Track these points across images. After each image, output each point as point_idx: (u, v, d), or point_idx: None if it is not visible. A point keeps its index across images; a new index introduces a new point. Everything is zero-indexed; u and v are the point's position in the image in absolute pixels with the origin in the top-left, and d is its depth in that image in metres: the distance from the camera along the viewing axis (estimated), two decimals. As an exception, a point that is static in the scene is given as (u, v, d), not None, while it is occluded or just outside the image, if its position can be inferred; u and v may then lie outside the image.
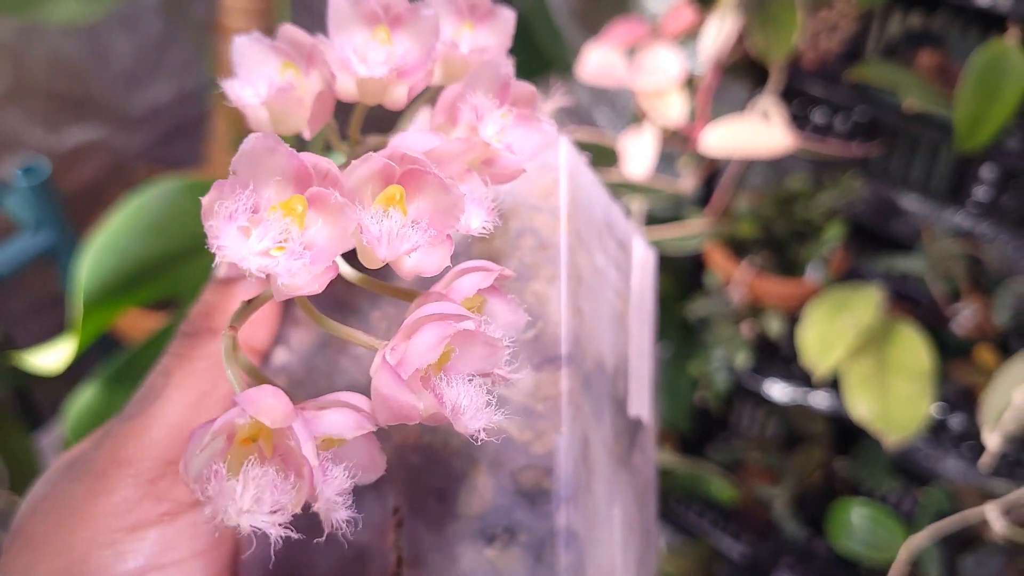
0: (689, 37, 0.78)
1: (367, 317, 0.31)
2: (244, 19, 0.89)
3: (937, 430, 0.84)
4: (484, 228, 0.24)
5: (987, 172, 0.75)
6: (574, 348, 0.29)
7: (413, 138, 0.24)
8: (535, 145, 0.26)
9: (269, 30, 0.27)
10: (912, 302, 0.87)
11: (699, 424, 1.04)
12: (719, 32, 0.71)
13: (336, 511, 0.21)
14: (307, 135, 0.26)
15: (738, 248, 0.88)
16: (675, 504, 1.05)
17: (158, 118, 1.16)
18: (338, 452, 0.22)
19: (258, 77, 0.26)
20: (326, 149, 0.34)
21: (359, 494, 0.31)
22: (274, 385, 0.23)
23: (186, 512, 0.27)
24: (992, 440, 0.57)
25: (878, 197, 0.83)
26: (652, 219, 0.78)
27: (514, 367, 0.23)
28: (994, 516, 0.58)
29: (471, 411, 0.22)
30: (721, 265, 0.87)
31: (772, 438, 1.05)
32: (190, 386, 0.28)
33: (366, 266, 0.23)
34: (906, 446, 0.82)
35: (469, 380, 0.22)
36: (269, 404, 0.21)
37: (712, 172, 0.84)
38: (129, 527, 0.26)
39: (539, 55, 0.94)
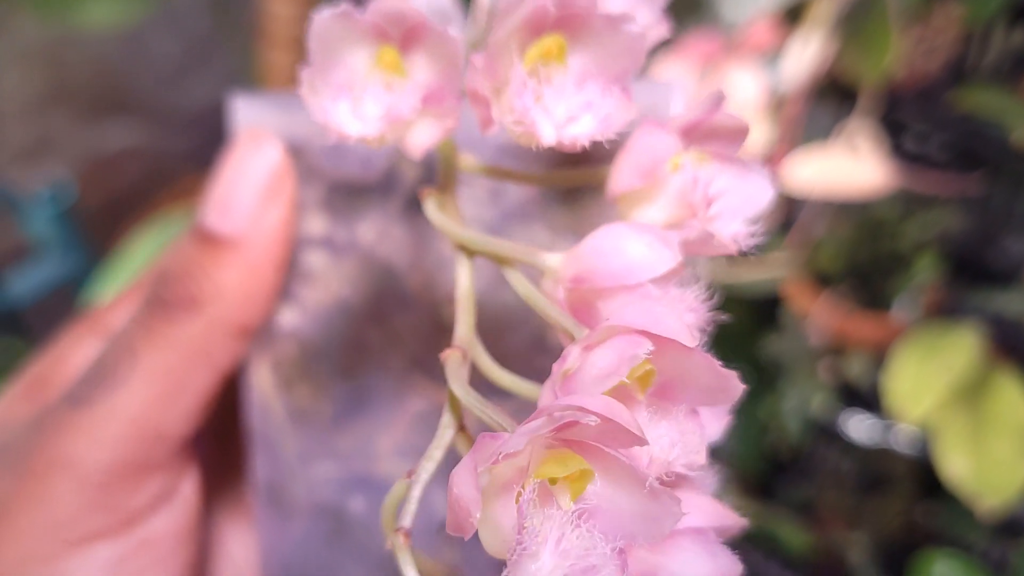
0: (769, 53, 0.74)
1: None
2: (286, 25, 0.88)
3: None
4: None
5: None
6: None
7: None
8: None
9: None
10: (1010, 342, 0.83)
11: (769, 463, 1.00)
12: (804, 54, 0.67)
13: None
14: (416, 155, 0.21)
15: (817, 279, 0.84)
16: (741, 551, 1.02)
17: (204, 121, 1.15)
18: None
19: (346, 75, 0.20)
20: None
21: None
22: None
23: (144, 520, 0.23)
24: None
25: (974, 227, 0.79)
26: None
27: None
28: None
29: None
30: (798, 298, 0.83)
31: (849, 477, 1.01)
32: (161, 375, 0.23)
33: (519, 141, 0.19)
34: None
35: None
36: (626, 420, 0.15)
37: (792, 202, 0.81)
38: (74, 540, 0.22)
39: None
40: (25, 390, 0.26)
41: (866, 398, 0.86)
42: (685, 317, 0.18)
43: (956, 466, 0.70)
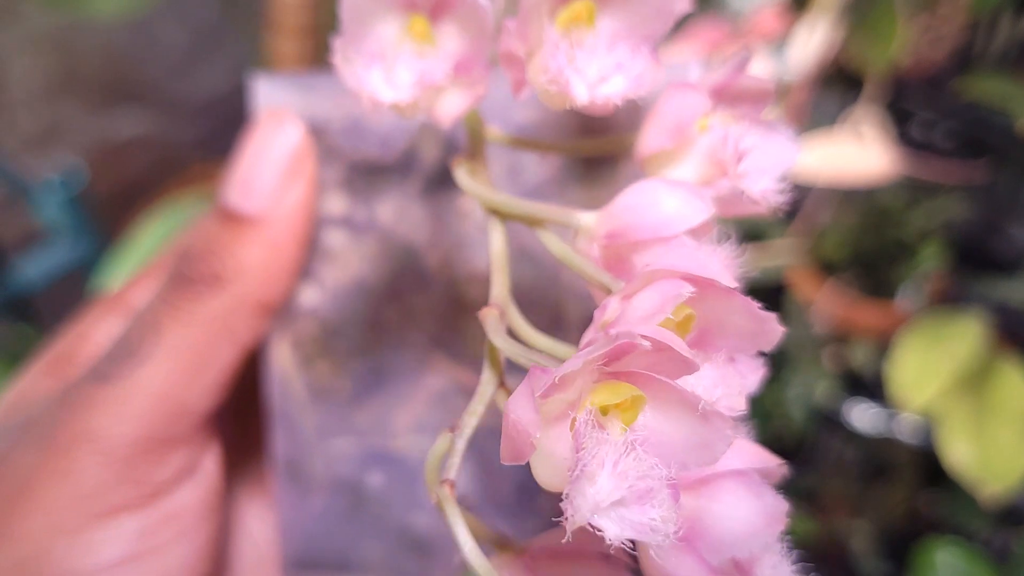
0: (775, 40, 0.74)
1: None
2: (294, 13, 0.88)
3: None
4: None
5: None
6: None
7: None
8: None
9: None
10: (1014, 330, 0.83)
11: (773, 451, 1.00)
12: (810, 42, 0.67)
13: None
14: (446, 123, 0.21)
15: (822, 267, 0.84)
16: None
17: (213, 109, 1.15)
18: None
19: (377, 44, 0.20)
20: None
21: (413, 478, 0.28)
22: None
23: (168, 493, 0.24)
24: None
25: (979, 215, 0.79)
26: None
27: None
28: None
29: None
30: (803, 286, 0.83)
31: (852, 465, 1.01)
32: (185, 351, 0.23)
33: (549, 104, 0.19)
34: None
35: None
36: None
37: (797, 189, 0.81)
38: (99, 513, 0.22)
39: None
40: (48, 367, 0.26)
41: (870, 386, 0.86)
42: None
43: (959, 453, 0.70)
